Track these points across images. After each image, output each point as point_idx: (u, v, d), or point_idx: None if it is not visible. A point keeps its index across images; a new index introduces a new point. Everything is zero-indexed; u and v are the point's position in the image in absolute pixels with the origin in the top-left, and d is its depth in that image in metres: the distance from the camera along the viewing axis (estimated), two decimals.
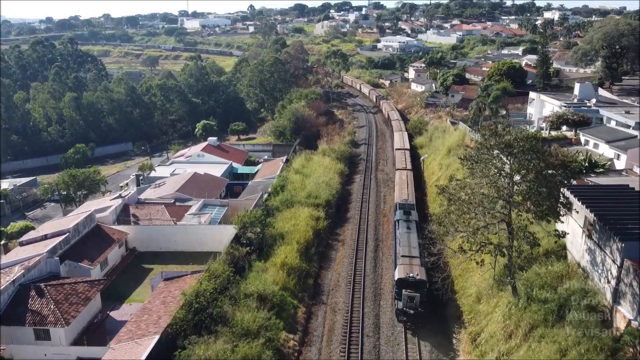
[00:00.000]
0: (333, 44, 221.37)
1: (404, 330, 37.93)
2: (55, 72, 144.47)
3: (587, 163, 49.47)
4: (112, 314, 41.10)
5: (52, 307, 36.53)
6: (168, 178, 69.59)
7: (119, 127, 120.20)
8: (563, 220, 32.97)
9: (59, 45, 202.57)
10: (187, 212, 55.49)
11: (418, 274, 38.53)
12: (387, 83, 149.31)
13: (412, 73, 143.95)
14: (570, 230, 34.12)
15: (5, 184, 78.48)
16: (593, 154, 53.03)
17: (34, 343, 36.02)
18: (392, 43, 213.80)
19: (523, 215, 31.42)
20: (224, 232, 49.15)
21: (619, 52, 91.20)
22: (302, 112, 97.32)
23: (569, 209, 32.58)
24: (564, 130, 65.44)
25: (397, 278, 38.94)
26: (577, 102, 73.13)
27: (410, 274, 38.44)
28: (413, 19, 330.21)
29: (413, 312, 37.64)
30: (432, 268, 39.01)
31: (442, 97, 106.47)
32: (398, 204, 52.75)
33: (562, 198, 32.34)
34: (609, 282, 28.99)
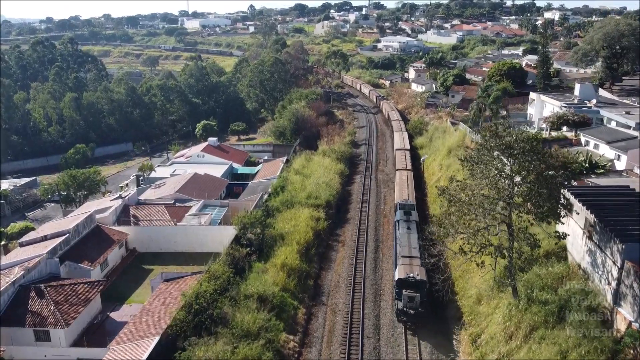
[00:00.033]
0: (333, 44, 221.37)
1: (404, 332, 37.91)
2: (56, 72, 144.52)
3: (587, 164, 49.45)
4: (112, 315, 41.08)
5: (52, 308, 36.52)
6: (168, 178, 69.55)
7: (119, 127, 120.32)
8: (563, 222, 32.92)
9: (59, 46, 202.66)
10: (187, 212, 55.49)
11: (418, 274, 38.60)
12: (387, 83, 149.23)
13: (412, 73, 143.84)
14: (571, 232, 34.08)
15: (6, 185, 78.50)
16: (593, 155, 53.00)
17: (34, 344, 36.01)
18: (392, 43, 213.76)
19: (523, 217, 31.36)
20: (224, 232, 49.16)
21: (620, 52, 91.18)
22: (302, 112, 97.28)
23: (570, 210, 32.53)
24: (565, 131, 65.40)
25: (397, 278, 39.03)
26: (577, 102, 73.04)
27: (411, 274, 38.50)
28: (413, 19, 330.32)
29: (413, 312, 37.71)
30: (432, 269, 39.00)
31: (442, 97, 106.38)
32: (398, 204, 52.80)
33: (562, 199, 32.29)
34: (610, 283, 28.94)
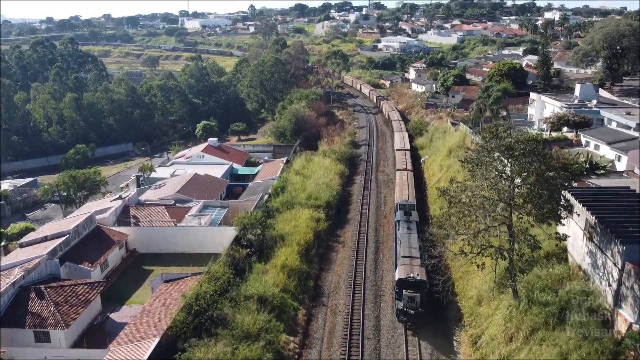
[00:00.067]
0: (333, 44, 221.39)
1: (405, 333, 37.87)
2: (56, 72, 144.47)
3: (588, 165, 49.42)
4: (112, 316, 41.05)
5: (52, 309, 36.48)
6: (168, 179, 69.46)
7: (120, 127, 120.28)
8: (564, 223, 32.88)
9: (60, 46, 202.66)
10: (187, 213, 55.43)
11: (418, 275, 38.64)
12: (387, 83, 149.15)
13: (412, 73, 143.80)
14: (571, 233, 34.05)
15: (6, 185, 78.44)
16: (594, 156, 52.96)
17: (34, 345, 35.93)
18: (392, 43, 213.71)
19: (524, 218, 31.32)
20: (224, 233, 49.08)
21: (620, 52, 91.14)
22: (302, 112, 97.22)
23: (570, 212, 32.49)
24: (565, 132, 65.34)
25: (397, 278, 39.08)
26: (577, 103, 73.00)
27: (411, 275, 38.55)
28: (413, 19, 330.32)
29: (413, 312, 37.76)
30: (433, 270, 38.98)
31: (442, 97, 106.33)
32: (398, 205, 52.81)
33: (563, 200, 32.25)
34: (610, 285, 28.89)
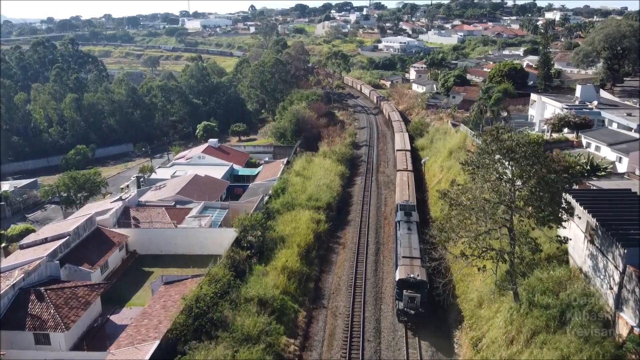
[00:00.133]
0: (334, 45, 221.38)
1: (405, 335, 37.81)
2: (56, 73, 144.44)
3: (588, 166, 49.27)
4: (112, 318, 41.01)
5: (52, 311, 36.45)
6: (169, 180, 69.33)
7: (120, 128, 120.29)
8: (565, 226, 32.78)
9: (60, 46, 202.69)
10: (187, 214, 55.37)
11: (419, 275, 38.71)
12: (388, 84, 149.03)
13: (413, 74, 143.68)
14: (572, 235, 33.95)
15: (6, 186, 78.39)
16: (595, 157, 52.81)
17: (34, 348, 35.93)
18: (393, 43, 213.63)
19: (525, 221, 31.23)
20: (225, 235, 49.04)
21: (621, 53, 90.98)
22: (302, 113, 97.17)
23: (571, 214, 32.38)
24: (566, 133, 65.18)
25: (398, 279, 39.14)
26: (578, 104, 72.82)
27: (411, 275, 38.61)
28: (414, 20, 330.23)
29: (414, 312, 37.83)
30: (433, 273, 38.91)
31: (443, 98, 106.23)
32: (399, 205, 52.81)
33: (564, 203, 32.14)
34: (611, 288, 28.78)
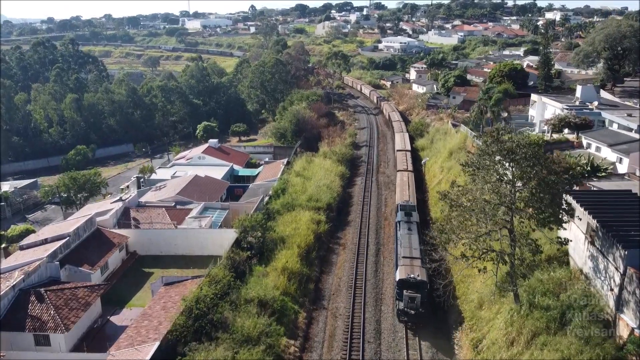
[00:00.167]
0: (334, 45, 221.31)
1: (406, 336, 37.76)
2: (57, 73, 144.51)
3: (589, 167, 49.24)
4: (112, 319, 40.97)
5: (52, 312, 36.42)
6: (169, 181, 69.32)
7: (120, 128, 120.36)
8: (566, 227, 32.73)
9: (60, 47, 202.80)
10: (187, 215, 55.35)
11: (419, 275, 38.72)
12: (388, 84, 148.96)
13: (413, 74, 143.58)
14: (573, 236, 33.90)
15: (6, 186, 78.41)
16: (595, 158, 52.78)
17: (34, 349, 35.93)
18: (393, 44, 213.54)
19: (525, 222, 31.18)
20: (225, 236, 49.02)
21: (621, 53, 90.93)
22: (303, 113, 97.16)
23: (572, 216, 32.33)
24: (566, 133, 65.13)
25: (398, 279, 39.15)
26: (579, 104, 72.73)
27: (411, 275, 38.62)
28: (414, 20, 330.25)
29: (414, 312, 37.82)
30: (434, 274, 38.87)
31: (443, 98, 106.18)
32: (399, 206, 52.80)
33: (564, 204, 32.08)
34: (612, 289, 28.73)
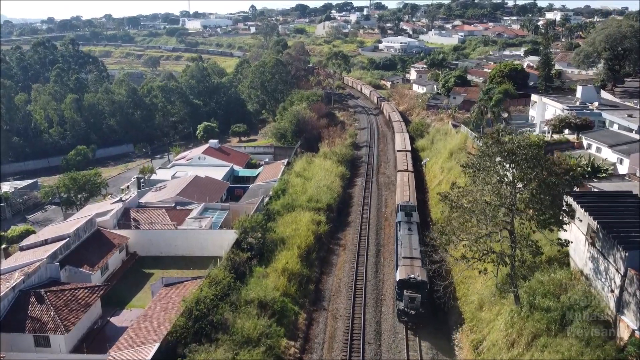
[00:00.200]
0: (334, 45, 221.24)
1: (406, 337, 37.74)
2: (57, 73, 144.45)
3: (589, 168, 49.17)
4: (112, 320, 40.94)
5: (52, 313, 36.39)
6: (169, 181, 69.31)
7: (120, 128, 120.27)
8: (566, 229, 32.68)
9: (61, 47, 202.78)
10: (187, 216, 55.32)
11: (419, 275, 38.76)
12: (388, 84, 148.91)
13: (413, 74, 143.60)
14: (573, 238, 33.86)
15: (6, 187, 78.36)
16: (596, 158, 52.72)
17: (34, 350, 35.88)
18: (393, 44, 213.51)
19: (526, 224, 31.14)
20: (225, 236, 49.00)
21: (622, 54, 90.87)
22: (303, 114, 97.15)
23: (572, 217, 32.30)
24: (567, 134, 65.06)
25: (398, 279, 39.19)
26: (579, 105, 72.66)
27: (412, 275, 38.66)
28: (415, 20, 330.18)
29: (414, 312, 37.84)
30: (434, 275, 38.84)
31: (443, 98, 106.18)
32: (399, 206, 52.82)
33: (565, 206, 32.03)
34: (613, 291, 28.69)
